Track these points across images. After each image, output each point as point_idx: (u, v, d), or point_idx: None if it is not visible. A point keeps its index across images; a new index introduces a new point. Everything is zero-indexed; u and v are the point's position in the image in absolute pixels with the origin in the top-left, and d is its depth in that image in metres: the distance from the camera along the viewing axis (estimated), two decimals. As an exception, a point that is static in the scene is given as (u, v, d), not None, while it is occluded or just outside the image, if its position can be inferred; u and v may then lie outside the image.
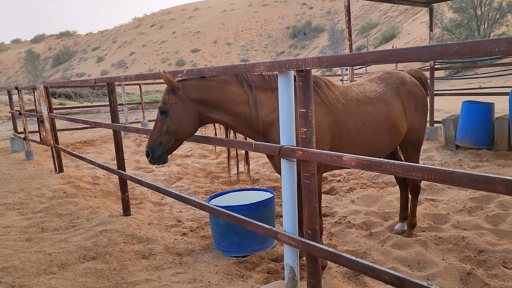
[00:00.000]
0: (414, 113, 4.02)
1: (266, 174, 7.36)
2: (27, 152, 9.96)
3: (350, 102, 3.59)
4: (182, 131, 3.30)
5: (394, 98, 3.88)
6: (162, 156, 3.32)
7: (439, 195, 5.66)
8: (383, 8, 56.22)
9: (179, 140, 3.37)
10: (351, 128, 3.51)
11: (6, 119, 22.18)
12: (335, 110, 3.45)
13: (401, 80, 4.04)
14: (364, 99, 3.69)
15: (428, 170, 1.94)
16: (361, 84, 3.90)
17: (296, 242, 2.78)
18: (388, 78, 4.04)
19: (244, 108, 3.34)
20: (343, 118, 3.48)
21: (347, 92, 3.66)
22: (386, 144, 3.84)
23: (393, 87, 3.95)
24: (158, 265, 3.96)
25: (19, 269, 3.85)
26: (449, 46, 1.81)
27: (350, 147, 3.54)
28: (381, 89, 3.87)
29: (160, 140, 3.29)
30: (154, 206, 6.16)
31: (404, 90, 3.98)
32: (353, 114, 3.55)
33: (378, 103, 3.74)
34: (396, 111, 3.83)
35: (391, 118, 3.77)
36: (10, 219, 5.44)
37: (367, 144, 3.65)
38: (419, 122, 4.10)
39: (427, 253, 3.85)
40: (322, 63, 2.41)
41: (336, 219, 4.99)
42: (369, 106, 3.68)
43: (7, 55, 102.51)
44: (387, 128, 3.75)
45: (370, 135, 3.64)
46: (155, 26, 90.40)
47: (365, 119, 3.61)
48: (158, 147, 3.29)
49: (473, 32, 26.23)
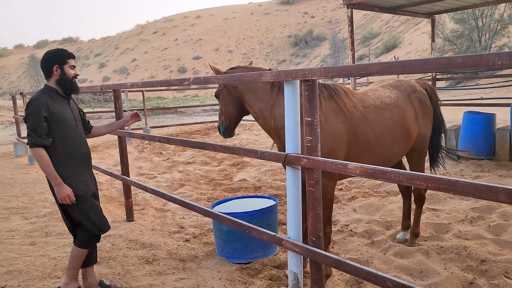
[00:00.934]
0: (422, 120, 4.14)
1: (268, 182, 7.40)
2: (30, 156, 10.02)
3: (368, 108, 3.66)
4: (229, 112, 3.90)
5: (407, 104, 4.00)
6: (226, 131, 3.96)
7: (440, 204, 5.69)
8: (384, 18, 56.57)
9: (231, 120, 3.94)
10: (368, 134, 3.59)
11: (9, 124, 22.27)
12: (353, 117, 3.52)
13: (412, 87, 4.18)
14: (381, 105, 3.78)
15: (432, 179, 1.99)
16: (376, 90, 3.98)
17: (300, 248, 2.82)
18: (400, 85, 4.16)
19: (262, 105, 3.62)
20: (360, 125, 3.55)
21: (364, 98, 3.74)
22: (401, 149, 3.95)
23: (405, 94, 4.06)
24: (161, 270, 3.99)
25: (24, 273, 3.87)
26: (452, 59, 1.87)
27: (368, 153, 3.62)
28: (395, 95, 3.97)
29: (222, 119, 3.98)
30: (157, 212, 6.19)
31: (415, 98, 4.10)
32: (371, 120, 3.62)
33: (394, 108, 3.83)
34: (410, 116, 3.94)
35: (406, 123, 3.88)
36: (14, 223, 5.47)
37: (385, 150, 3.74)
38: (425, 129, 4.21)
39: (429, 262, 3.88)
40: (328, 73, 2.47)
41: (338, 227, 5.02)
42: (386, 112, 3.76)
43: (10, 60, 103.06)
44: (402, 133, 3.86)
45: (387, 141, 3.72)
46: (157, 33, 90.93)
47: (382, 125, 3.69)
48: (221, 124, 3.98)
49: (474, 43, 26.36)
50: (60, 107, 3.26)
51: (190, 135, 14.32)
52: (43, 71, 3.31)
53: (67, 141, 3.26)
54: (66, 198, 3.19)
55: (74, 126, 3.35)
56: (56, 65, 3.24)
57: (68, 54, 3.31)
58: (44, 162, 3.15)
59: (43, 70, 3.31)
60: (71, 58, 3.32)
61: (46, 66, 3.27)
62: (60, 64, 3.25)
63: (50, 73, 3.27)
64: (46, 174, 3.18)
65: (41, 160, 3.15)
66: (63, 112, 3.27)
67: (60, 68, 3.25)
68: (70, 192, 3.20)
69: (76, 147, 3.32)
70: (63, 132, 3.24)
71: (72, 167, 3.28)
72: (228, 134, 3.99)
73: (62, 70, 3.26)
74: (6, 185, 7.73)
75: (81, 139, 3.41)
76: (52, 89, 3.30)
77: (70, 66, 3.30)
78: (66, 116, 3.29)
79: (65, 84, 3.29)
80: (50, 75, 3.27)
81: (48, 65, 3.25)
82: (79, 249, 3.38)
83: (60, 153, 3.22)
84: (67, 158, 3.25)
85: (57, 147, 3.21)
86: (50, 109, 3.17)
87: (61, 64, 3.26)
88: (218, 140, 12.91)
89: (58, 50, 3.32)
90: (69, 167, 3.26)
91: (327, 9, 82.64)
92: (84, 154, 3.42)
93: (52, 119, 3.17)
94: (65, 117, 3.27)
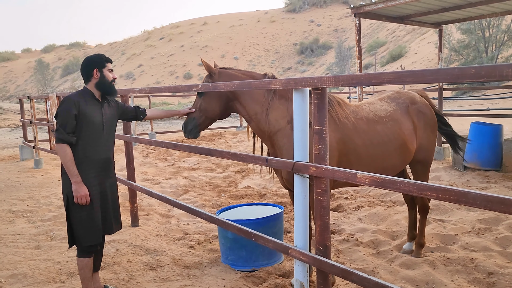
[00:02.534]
0: (423, 131, 4.09)
1: (273, 189, 7.38)
2: (36, 160, 10.06)
3: (360, 120, 3.67)
4: (210, 110, 3.77)
5: (404, 116, 3.96)
6: (193, 130, 3.80)
7: (447, 215, 5.64)
8: (390, 27, 56.64)
9: (208, 118, 3.81)
10: (358, 145, 3.59)
11: (14, 127, 22.41)
12: (344, 127, 3.52)
13: (411, 99, 4.12)
14: (375, 118, 3.76)
15: (443, 189, 1.97)
16: (372, 103, 3.97)
17: (307, 257, 2.80)
18: (398, 97, 4.12)
19: (257, 107, 3.60)
20: (351, 135, 3.56)
21: (357, 111, 3.75)
22: (395, 163, 3.90)
23: (403, 106, 4.02)
24: (166, 277, 3.97)
25: (28, 277, 3.87)
26: (465, 69, 1.86)
27: (357, 164, 3.61)
28: (392, 108, 3.94)
29: (194, 116, 3.79)
30: (161, 218, 6.18)
31: (414, 109, 4.06)
32: (362, 132, 3.62)
33: (389, 122, 3.81)
34: (406, 129, 3.90)
35: (401, 137, 3.83)
36: (19, 227, 5.48)
37: (375, 163, 3.71)
38: (428, 140, 4.17)
39: (436, 273, 3.84)
40: (338, 82, 2.47)
41: (344, 236, 4.98)
42: (379, 125, 3.75)
43: (17, 64, 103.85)
44: (396, 147, 3.82)
45: (378, 154, 3.70)
46: (164, 39, 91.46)
47: (373, 138, 3.68)
48: (191, 121, 3.80)
49: (480, 54, 26.33)
50: (90, 110, 3.35)
51: (195, 141, 14.33)
52: (83, 75, 3.42)
53: (88, 144, 3.33)
54: (83, 198, 3.26)
55: (100, 130, 3.41)
56: (96, 69, 3.38)
57: (106, 59, 3.46)
58: (68, 158, 3.24)
59: (83, 74, 3.43)
60: (109, 62, 3.47)
61: (86, 70, 3.39)
62: (100, 68, 3.39)
63: (90, 76, 3.39)
64: (68, 171, 3.25)
65: (66, 157, 3.23)
66: (92, 114, 3.35)
67: (99, 71, 3.39)
68: (87, 192, 3.27)
69: (95, 151, 3.38)
70: (87, 134, 3.32)
71: (86, 170, 3.32)
72: (194, 134, 3.82)
73: (102, 73, 3.40)
74: (11, 188, 7.76)
75: (103, 144, 3.44)
76: (88, 91, 3.41)
77: (109, 69, 3.45)
78: (94, 119, 3.36)
79: (105, 86, 3.42)
80: (90, 78, 3.39)
81: (88, 69, 3.38)
82: (81, 259, 3.40)
83: (79, 154, 3.29)
84: (83, 160, 3.31)
85: (78, 148, 3.29)
86: (81, 109, 3.27)
87: (101, 67, 3.40)
88: (223, 146, 12.92)
89: (97, 55, 3.48)
90: (82, 170, 3.30)
91: (333, 18, 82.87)
92: (103, 160, 3.46)
93: (80, 119, 3.27)
94: (92, 120, 3.34)
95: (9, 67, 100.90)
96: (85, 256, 3.39)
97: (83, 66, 3.42)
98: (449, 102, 21.66)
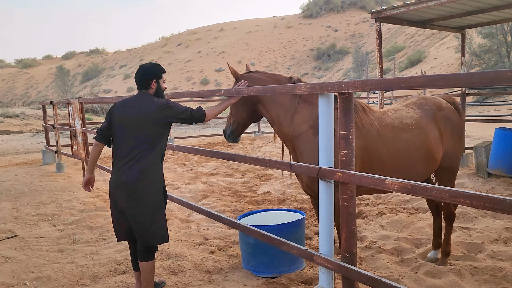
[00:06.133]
0: (450, 138, 4.00)
1: (292, 195, 7.33)
2: (58, 164, 10.22)
3: (385, 128, 3.59)
4: (239, 116, 3.80)
5: (431, 124, 3.86)
6: (231, 135, 3.86)
7: (472, 223, 5.51)
8: (409, 32, 56.08)
9: (240, 123, 3.84)
10: (383, 154, 3.51)
11: (36, 132, 22.86)
12: (368, 134, 3.46)
13: (438, 105, 4.03)
14: (401, 125, 3.68)
15: (477, 196, 1.92)
16: (398, 109, 3.89)
17: (332, 264, 2.76)
18: (424, 103, 4.02)
19: (280, 110, 3.57)
20: (375, 143, 3.48)
21: (383, 117, 3.67)
22: (420, 172, 3.80)
23: (430, 113, 3.93)
24: (188, 282, 3.96)
25: (52, 279, 3.91)
26: (501, 73, 1.81)
27: (381, 173, 3.50)
28: (418, 115, 3.86)
29: (230, 122, 3.88)
30: (181, 222, 6.19)
31: (440, 116, 3.96)
32: (387, 140, 3.54)
33: (415, 130, 3.72)
34: (433, 137, 3.81)
35: (427, 145, 3.74)
36: (43, 230, 5.56)
37: (399, 171, 3.61)
38: (454, 147, 4.06)
39: (463, 283, 3.74)
40: (366, 86, 2.43)
41: (366, 243, 4.91)
42: (404, 133, 3.67)
43: (39, 70, 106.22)
44: (422, 155, 3.73)
45: (403, 162, 3.62)
46: (181, 46, 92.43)
47: (399, 146, 3.59)
48: (228, 127, 3.89)
49: (502, 58, 25.83)
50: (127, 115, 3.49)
51: (213, 146, 14.39)
52: (140, 83, 3.50)
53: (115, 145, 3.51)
54: (83, 184, 3.63)
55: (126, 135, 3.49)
56: (154, 80, 3.47)
57: (162, 70, 3.57)
58: (91, 153, 3.59)
59: (140, 82, 3.50)
60: (164, 73, 3.58)
61: (144, 79, 3.47)
62: (157, 79, 3.50)
63: (147, 86, 3.48)
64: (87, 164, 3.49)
65: (91, 153, 3.60)
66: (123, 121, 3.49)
67: (157, 82, 3.50)
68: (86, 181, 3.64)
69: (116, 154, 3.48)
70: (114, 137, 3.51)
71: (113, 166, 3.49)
72: (233, 139, 3.90)
73: (158, 84, 3.52)
74: (34, 192, 7.90)
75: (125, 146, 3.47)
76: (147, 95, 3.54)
77: (163, 80, 3.56)
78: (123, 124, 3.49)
79: (160, 96, 3.53)
80: (148, 88, 3.49)
81: (146, 79, 3.47)
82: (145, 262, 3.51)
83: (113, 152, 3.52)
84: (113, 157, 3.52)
85: (113, 147, 3.53)
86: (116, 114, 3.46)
87: (158, 78, 3.51)
88: (241, 152, 12.92)
89: (155, 65, 3.55)
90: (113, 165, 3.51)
91: (350, 23, 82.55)
92: None
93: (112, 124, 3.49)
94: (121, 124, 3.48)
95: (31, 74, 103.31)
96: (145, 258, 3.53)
97: (141, 74, 3.48)
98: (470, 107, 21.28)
